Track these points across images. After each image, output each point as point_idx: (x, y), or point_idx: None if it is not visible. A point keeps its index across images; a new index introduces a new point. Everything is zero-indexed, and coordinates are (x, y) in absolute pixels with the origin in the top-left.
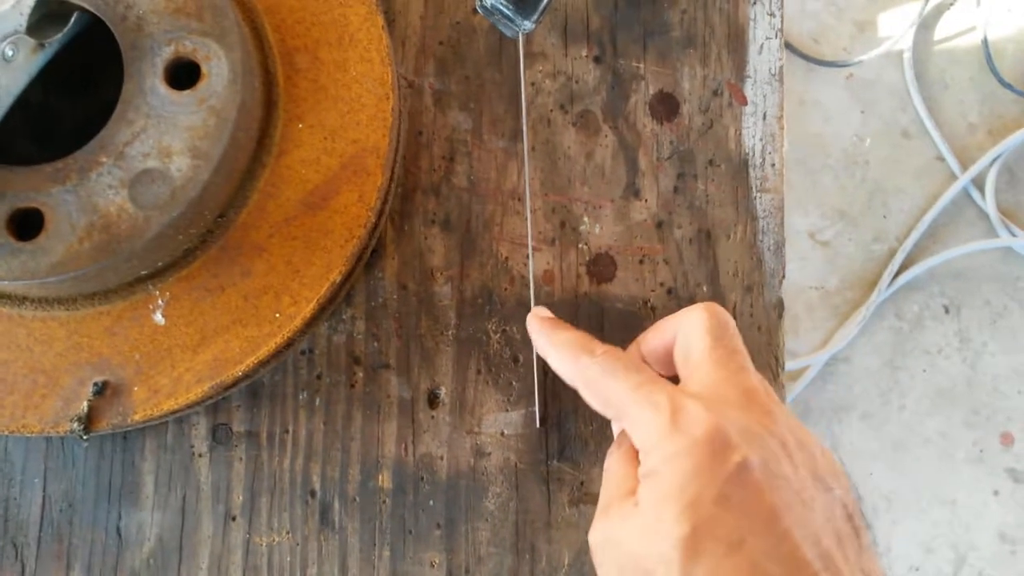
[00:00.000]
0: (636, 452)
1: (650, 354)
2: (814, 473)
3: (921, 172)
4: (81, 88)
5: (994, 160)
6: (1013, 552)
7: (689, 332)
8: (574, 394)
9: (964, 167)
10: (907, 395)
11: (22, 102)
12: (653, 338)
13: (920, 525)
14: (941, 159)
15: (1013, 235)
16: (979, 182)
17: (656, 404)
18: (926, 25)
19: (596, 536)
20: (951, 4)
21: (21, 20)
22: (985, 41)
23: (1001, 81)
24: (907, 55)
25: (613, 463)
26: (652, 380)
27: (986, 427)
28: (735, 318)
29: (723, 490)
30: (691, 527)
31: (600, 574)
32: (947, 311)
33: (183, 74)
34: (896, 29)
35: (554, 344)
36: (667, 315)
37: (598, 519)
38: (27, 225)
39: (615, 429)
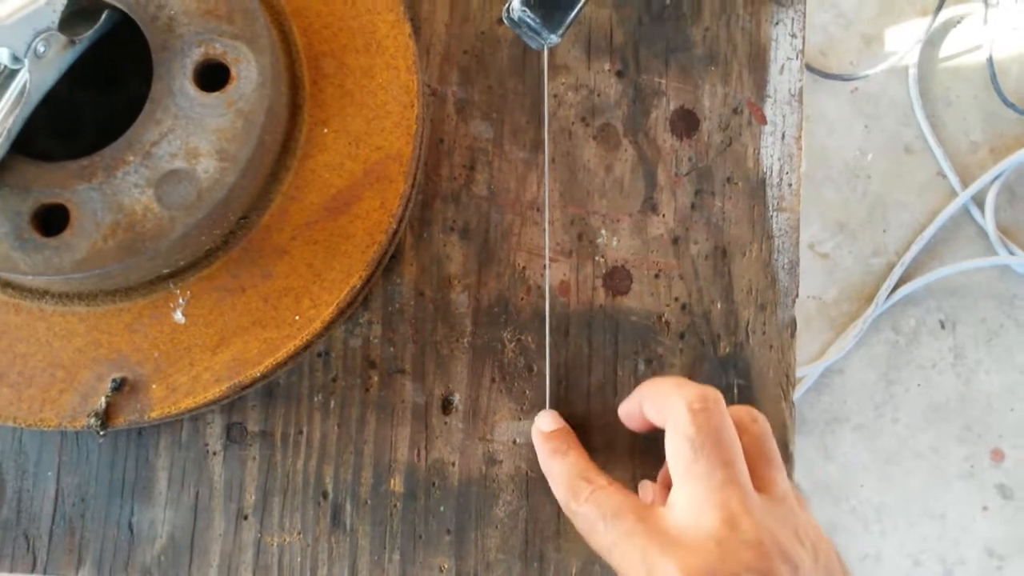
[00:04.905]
0: None
1: (651, 422)
2: None
3: (922, 188)
4: (105, 84)
5: (995, 178)
6: (1000, 568)
7: (673, 435)
8: (586, 406)
9: (965, 184)
10: (900, 409)
11: (47, 97)
12: (652, 412)
13: (909, 538)
14: (942, 175)
15: (1011, 254)
16: (979, 200)
17: (631, 570)
18: (932, 42)
19: None
20: (958, 22)
21: (54, 17)
22: (990, 60)
23: (1004, 100)
24: (912, 71)
25: None
26: (628, 535)
27: (978, 443)
28: (748, 335)
29: None
30: None
31: None
32: (943, 327)
33: (212, 76)
34: (902, 45)
35: (550, 475)
36: (681, 329)
37: None
38: (52, 221)
39: None
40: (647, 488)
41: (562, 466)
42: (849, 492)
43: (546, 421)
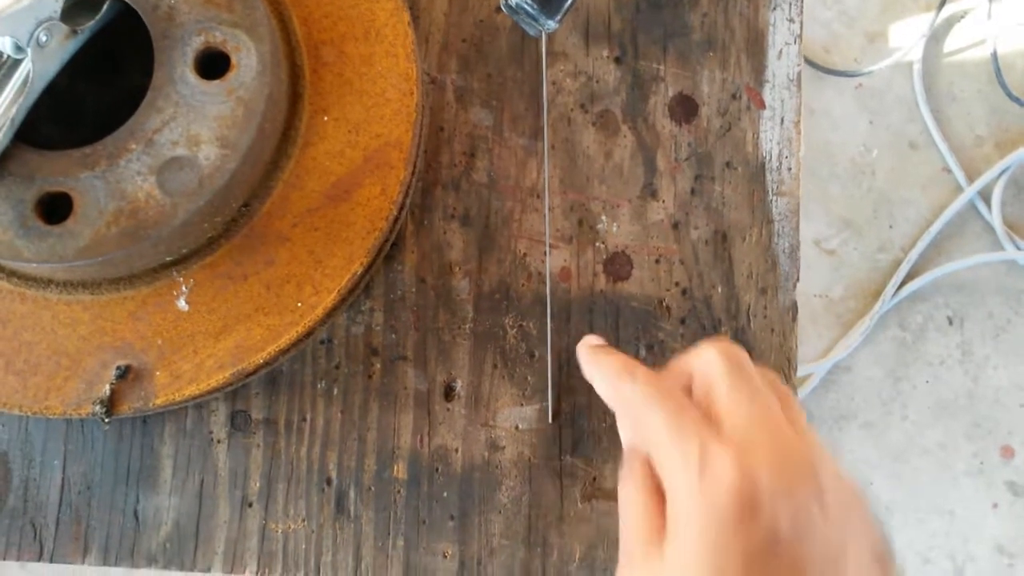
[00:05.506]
0: (656, 484)
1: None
2: (847, 523)
3: (928, 183)
4: (106, 73)
5: (1001, 173)
6: (1011, 565)
7: (706, 374)
8: (588, 390)
9: (971, 179)
10: (908, 405)
11: (50, 87)
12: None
13: (918, 535)
14: (948, 171)
15: (1018, 248)
16: (985, 195)
17: (686, 454)
18: (936, 37)
19: None
20: (962, 17)
21: (56, 7)
22: (994, 54)
23: (1009, 95)
24: (917, 66)
25: (632, 492)
26: (685, 424)
27: (986, 440)
28: (749, 320)
29: (748, 563)
30: None
31: None
32: (950, 323)
33: (212, 64)
34: (906, 40)
35: (599, 366)
36: (682, 314)
37: (623, 568)
38: (56, 209)
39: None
40: None
41: (615, 357)
42: None
43: (593, 338)
